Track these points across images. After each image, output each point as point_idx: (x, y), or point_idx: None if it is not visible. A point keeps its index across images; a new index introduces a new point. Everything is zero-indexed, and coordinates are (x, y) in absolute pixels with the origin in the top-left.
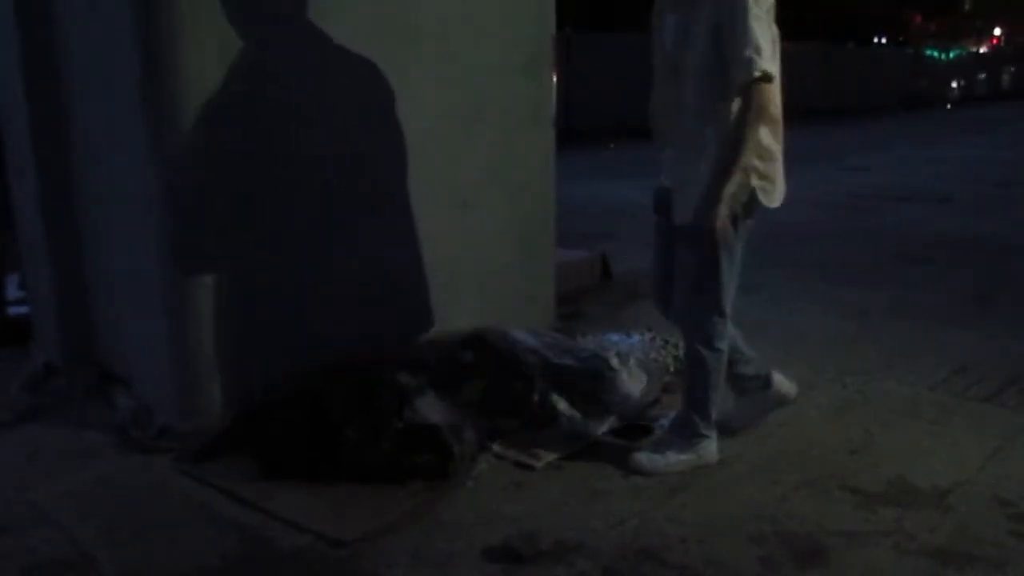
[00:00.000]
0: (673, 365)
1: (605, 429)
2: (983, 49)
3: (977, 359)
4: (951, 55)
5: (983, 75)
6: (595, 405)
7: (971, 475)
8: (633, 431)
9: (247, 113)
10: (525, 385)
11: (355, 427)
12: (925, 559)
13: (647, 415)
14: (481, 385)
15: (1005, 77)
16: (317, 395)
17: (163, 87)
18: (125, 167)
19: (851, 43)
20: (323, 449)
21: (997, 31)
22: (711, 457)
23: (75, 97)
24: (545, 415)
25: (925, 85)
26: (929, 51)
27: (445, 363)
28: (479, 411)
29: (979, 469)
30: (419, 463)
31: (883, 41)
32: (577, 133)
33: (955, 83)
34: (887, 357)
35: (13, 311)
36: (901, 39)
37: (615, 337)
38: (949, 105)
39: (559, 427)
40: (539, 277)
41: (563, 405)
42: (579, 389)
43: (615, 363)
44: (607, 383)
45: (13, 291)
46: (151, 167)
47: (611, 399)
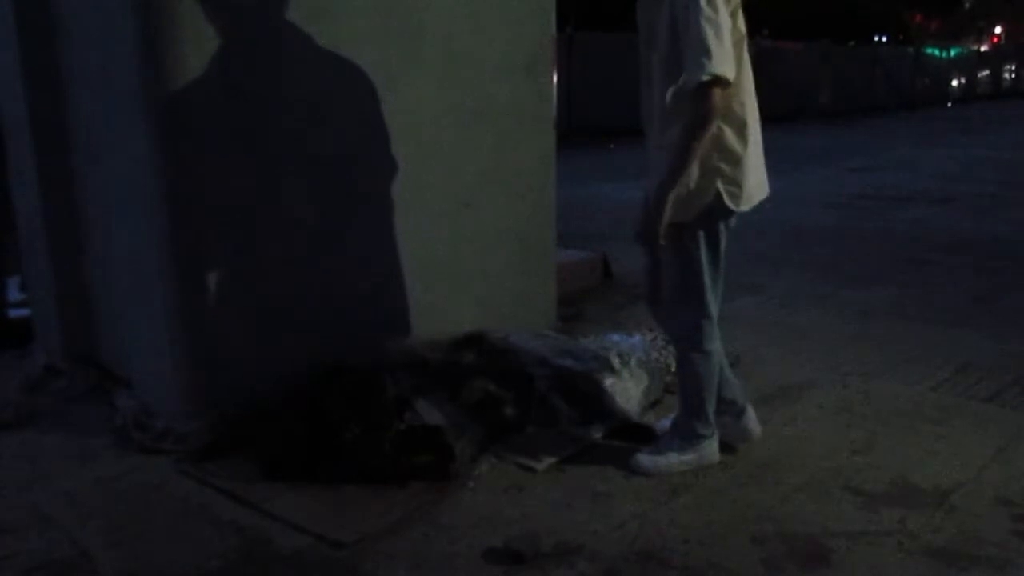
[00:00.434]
0: (674, 365)
1: (606, 430)
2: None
3: (979, 359)
4: (952, 54)
5: (984, 74)
6: (596, 406)
7: (974, 475)
8: (634, 432)
9: (248, 113)
10: (526, 386)
11: (355, 428)
12: (927, 560)
13: (648, 416)
14: (482, 386)
15: (1006, 76)
16: (317, 396)
17: (163, 87)
18: (125, 167)
19: (851, 42)
20: (323, 450)
21: (998, 29)
22: (713, 458)
23: (75, 97)
24: (546, 416)
25: (926, 84)
26: (930, 50)
27: (446, 364)
28: (480, 412)
29: (982, 469)
30: (420, 464)
31: (884, 40)
32: (578, 133)
33: (956, 82)
34: (889, 357)
35: (14, 313)
36: (902, 38)
37: (616, 337)
38: (950, 104)
39: (560, 428)
40: (540, 278)
41: (564, 406)
42: (580, 390)
43: (616, 364)
44: (608, 384)
45: (14, 293)
46: (151, 167)
47: (612, 400)
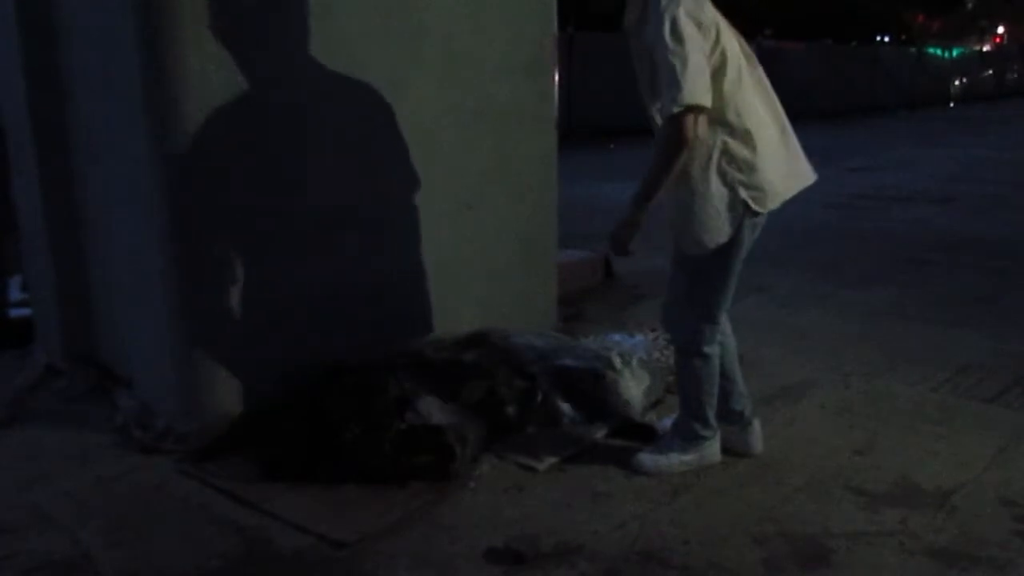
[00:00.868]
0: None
1: (607, 430)
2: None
3: (980, 360)
4: (954, 54)
5: (986, 74)
6: (597, 406)
7: (975, 476)
8: (636, 432)
9: (248, 113)
10: (527, 386)
11: (356, 428)
12: (929, 560)
13: (649, 416)
14: (483, 386)
15: (1008, 75)
16: (318, 396)
17: (163, 87)
18: (126, 167)
19: (853, 42)
20: (324, 450)
21: (1000, 29)
22: (714, 458)
23: (76, 97)
24: (547, 416)
25: (927, 84)
26: (931, 50)
27: (447, 364)
28: (481, 412)
29: (983, 470)
30: (420, 464)
31: (886, 40)
32: (578, 133)
33: (957, 82)
34: (890, 357)
35: (15, 313)
36: (904, 38)
37: (617, 337)
38: (952, 104)
39: (561, 428)
40: (541, 277)
41: (565, 406)
42: (581, 390)
43: (617, 364)
44: (609, 384)
45: (15, 293)
46: (151, 167)
47: (613, 400)
